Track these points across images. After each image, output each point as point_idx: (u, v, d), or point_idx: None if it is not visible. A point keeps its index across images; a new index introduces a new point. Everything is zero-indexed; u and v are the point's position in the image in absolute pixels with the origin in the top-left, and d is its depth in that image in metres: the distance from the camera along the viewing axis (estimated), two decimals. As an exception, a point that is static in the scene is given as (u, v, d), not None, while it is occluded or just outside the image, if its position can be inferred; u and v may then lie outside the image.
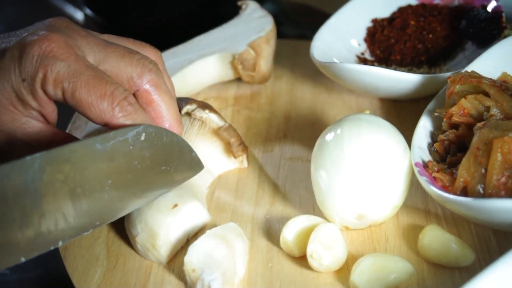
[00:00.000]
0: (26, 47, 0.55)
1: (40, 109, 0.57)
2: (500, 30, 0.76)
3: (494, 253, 0.57)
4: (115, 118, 0.55)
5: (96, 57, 0.58)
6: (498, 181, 0.53)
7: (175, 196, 0.59)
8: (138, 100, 0.59)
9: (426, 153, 0.61)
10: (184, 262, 0.54)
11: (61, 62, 0.55)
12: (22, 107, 0.56)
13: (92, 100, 0.55)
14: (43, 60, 0.54)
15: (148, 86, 0.59)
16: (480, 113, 0.59)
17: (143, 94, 0.59)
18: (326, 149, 0.58)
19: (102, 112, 0.55)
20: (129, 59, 0.58)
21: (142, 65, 0.59)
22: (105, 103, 0.55)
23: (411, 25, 0.82)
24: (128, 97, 0.56)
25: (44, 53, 0.55)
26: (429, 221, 0.60)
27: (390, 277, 0.53)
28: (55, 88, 0.55)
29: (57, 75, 0.54)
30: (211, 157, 0.67)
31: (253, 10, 0.86)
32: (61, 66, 0.54)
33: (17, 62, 0.55)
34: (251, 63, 0.78)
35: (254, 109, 0.79)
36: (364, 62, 0.81)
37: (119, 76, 0.58)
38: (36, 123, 0.57)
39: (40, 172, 0.51)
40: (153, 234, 0.58)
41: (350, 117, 0.59)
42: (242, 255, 0.57)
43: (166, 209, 0.58)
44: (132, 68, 0.58)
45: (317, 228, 0.56)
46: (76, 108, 0.56)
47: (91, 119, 0.56)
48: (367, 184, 0.56)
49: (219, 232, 0.56)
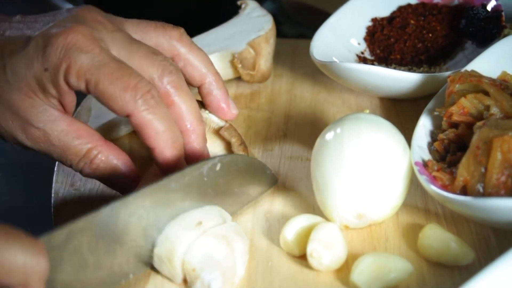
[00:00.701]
0: (51, 37, 0.56)
1: (59, 98, 0.57)
2: (500, 29, 0.76)
3: (494, 252, 0.57)
4: (138, 110, 0.56)
5: (120, 53, 0.58)
6: (498, 180, 0.53)
7: (201, 213, 0.58)
8: None
9: (426, 152, 0.61)
10: (184, 261, 0.54)
11: (85, 54, 0.55)
12: (42, 95, 0.57)
13: (115, 91, 0.55)
14: (67, 52, 0.55)
15: (169, 87, 0.59)
16: (480, 112, 0.59)
17: (164, 96, 0.59)
18: (326, 148, 0.58)
19: (125, 104, 0.56)
20: (151, 59, 0.59)
21: (164, 66, 0.59)
22: (128, 95, 0.55)
23: (411, 24, 0.82)
24: (152, 90, 0.56)
25: (68, 45, 0.55)
26: (429, 220, 0.60)
27: (390, 276, 0.53)
28: (79, 79, 0.55)
29: (81, 67, 0.55)
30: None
31: (252, 9, 0.86)
32: (85, 58, 0.55)
33: (41, 51, 0.56)
34: (250, 62, 0.78)
35: (254, 108, 0.79)
36: (364, 61, 0.81)
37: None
38: (53, 111, 0.58)
39: (115, 219, 0.52)
40: (171, 249, 0.56)
41: (350, 116, 0.59)
42: (242, 255, 0.57)
43: (189, 225, 0.57)
44: (153, 69, 0.59)
45: (317, 227, 0.56)
46: (99, 99, 0.56)
47: (114, 110, 0.56)
48: (367, 183, 0.56)
49: (219, 232, 0.56)
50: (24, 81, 0.56)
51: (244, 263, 0.57)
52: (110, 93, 0.55)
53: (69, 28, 0.56)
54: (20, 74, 0.56)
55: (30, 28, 0.59)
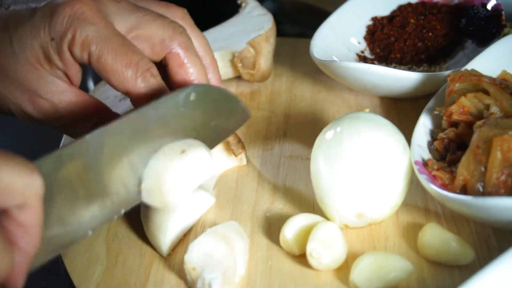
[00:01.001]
0: (58, 7, 0.56)
1: (65, 69, 0.58)
2: (500, 28, 0.76)
3: (494, 251, 0.57)
4: (137, 87, 0.57)
5: (128, 22, 0.59)
6: (498, 179, 0.53)
7: (183, 143, 0.58)
8: (170, 63, 0.61)
9: (426, 151, 0.61)
10: (185, 260, 0.54)
11: (91, 25, 0.56)
12: (48, 65, 0.57)
13: (117, 67, 0.56)
14: (73, 22, 0.56)
15: (179, 49, 0.60)
16: (479, 111, 0.59)
17: (175, 57, 0.61)
18: (326, 147, 0.58)
19: (125, 80, 0.56)
20: (160, 22, 0.60)
21: (173, 28, 0.60)
22: (129, 71, 0.56)
23: (411, 23, 0.82)
24: (152, 68, 0.57)
25: (75, 15, 0.56)
26: (429, 220, 0.60)
27: (389, 275, 0.53)
28: (82, 50, 0.56)
29: (86, 38, 0.56)
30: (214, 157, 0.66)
31: (252, 8, 0.86)
32: (91, 30, 0.56)
33: (48, 21, 0.56)
34: (250, 61, 0.78)
35: (254, 107, 0.79)
36: (364, 60, 0.81)
37: (151, 39, 0.60)
38: (60, 82, 0.58)
39: (100, 147, 0.52)
40: (160, 178, 0.55)
41: (350, 116, 0.59)
42: (243, 254, 0.57)
43: (174, 154, 0.56)
44: (163, 31, 0.60)
45: (316, 227, 0.56)
46: (100, 72, 0.57)
47: (113, 85, 0.57)
48: (367, 182, 0.56)
49: (219, 231, 0.56)
50: (31, 52, 0.57)
51: (245, 262, 0.57)
52: (111, 68, 0.56)
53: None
54: (27, 44, 0.57)
55: (35, 1, 0.59)
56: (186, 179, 0.56)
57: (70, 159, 0.50)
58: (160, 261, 0.58)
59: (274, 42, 0.81)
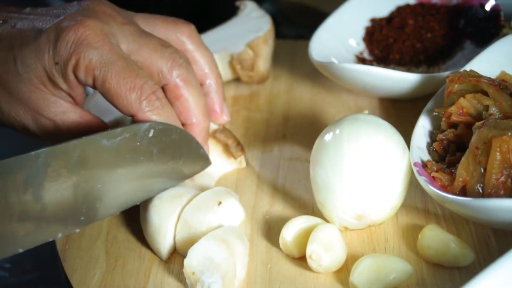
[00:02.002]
0: (62, 31, 0.56)
1: (69, 91, 0.58)
2: (499, 29, 0.75)
3: (494, 252, 0.56)
4: (142, 111, 0.57)
5: (129, 46, 0.59)
6: (497, 181, 0.53)
7: (214, 194, 0.59)
8: (167, 94, 0.61)
9: (425, 153, 0.61)
10: (184, 264, 0.54)
11: (94, 50, 0.56)
12: (52, 87, 0.58)
13: (121, 91, 0.56)
14: (77, 47, 0.56)
15: (178, 80, 0.60)
16: (479, 112, 0.59)
17: (172, 89, 0.60)
18: (325, 149, 0.58)
19: (130, 104, 0.57)
20: (161, 52, 0.60)
21: (173, 59, 0.60)
22: (133, 95, 0.56)
23: (410, 24, 0.82)
24: (157, 91, 0.57)
25: (79, 40, 0.56)
26: (429, 221, 0.60)
27: (389, 277, 0.53)
28: (86, 75, 0.56)
29: (90, 63, 0.56)
30: (214, 160, 0.66)
31: (251, 10, 0.86)
32: (94, 54, 0.56)
33: (52, 45, 0.56)
34: (249, 63, 0.78)
35: (253, 109, 0.79)
36: (363, 61, 0.81)
37: (150, 68, 0.60)
38: (64, 103, 0.59)
39: (44, 166, 0.52)
40: (194, 232, 0.57)
41: (349, 117, 0.59)
42: (242, 257, 0.56)
43: (207, 207, 0.58)
44: (163, 62, 0.60)
45: (316, 229, 0.56)
46: (105, 96, 0.57)
47: (119, 108, 0.57)
48: (366, 184, 0.56)
49: (219, 234, 0.56)
50: (34, 73, 0.57)
51: (245, 266, 0.57)
52: (116, 92, 0.56)
53: (80, 22, 0.56)
54: (31, 66, 0.57)
55: (41, 21, 0.59)
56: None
57: (9, 172, 0.50)
58: (160, 264, 0.58)
59: (272, 44, 0.81)
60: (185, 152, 0.60)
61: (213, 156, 0.66)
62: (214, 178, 0.67)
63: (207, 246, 0.55)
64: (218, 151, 0.67)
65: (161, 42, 0.60)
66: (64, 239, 0.61)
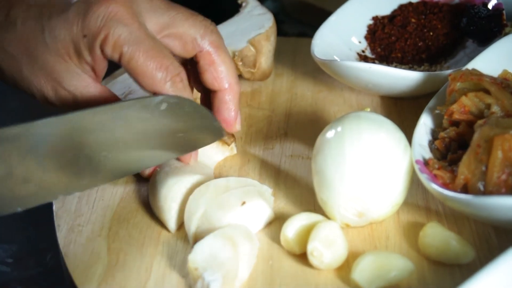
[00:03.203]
0: (93, 5, 0.57)
1: (93, 65, 0.59)
2: (501, 28, 0.75)
3: (495, 250, 0.57)
4: (165, 91, 0.58)
5: (160, 20, 0.60)
6: (499, 179, 0.53)
7: (242, 193, 0.59)
8: (201, 61, 0.63)
9: (426, 151, 0.61)
10: (188, 259, 0.54)
11: (124, 26, 0.57)
12: (76, 59, 0.59)
13: (148, 69, 0.58)
14: (107, 21, 0.57)
15: (210, 47, 0.62)
16: (480, 110, 0.59)
17: (206, 55, 0.62)
18: (327, 146, 0.58)
19: (154, 83, 0.58)
20: (192, 20, 0.62)
21: (205, 26, 0.62)
22: (159, 74, 0.58)
23: (412, 22, 0.82)
24: (181, 73, 0.59)
25: (109, 15, 0.57)
26: (430, 219, 0.60)
27: (390, 274, 0.53)
28: (114, 50, 0.57)
29: (118, 39, 0.57)
30: (206, 150, 0.67)
31: (253, 7, 0.86)
32: (124, 31, 0.57)
33: (82, 17, 0.57)
34: (251, 60, 0.78)
35: (255, 106, 0.79)
36: (365, 59, 0.81)
37: (183, 37, 0.61)
38: (86, 77, 0.60)
39: (51, 135, 0.54)
40: (212, 229, 0.57)
41: (351, 115, 0.59)
42: (248, 258, 0.56)
43: (230, 205, 0.58)
44: (195, 30, 0.62)
45: (317, 226, 0.56)
46: (129, 72, 0.58)
47: (142, 85, 0.59)
48: (368, 181, 0.56)
49: (227, 232, 0.56)
50: (61, 44, 0.58)
51: (250, 267, 0.56)
52: (142, 70, 0.58)
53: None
54: (59, 37, 0.58)
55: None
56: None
57: (14, 139, 0.52)
58: (161, 260, 0.58)
59: (274, 41, 0.81)
60: (198, 124, 0.61)
61: (206, 147, 0.66)
62: (210, 168, 0.67)
63: (214, 243, 0.55)
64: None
65: (189, 11, 0.62)
66: (66, 235, 0.61)
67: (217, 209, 0.58)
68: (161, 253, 0.59)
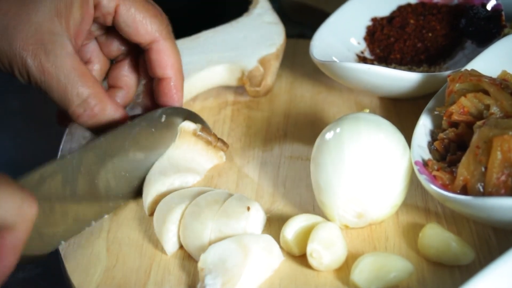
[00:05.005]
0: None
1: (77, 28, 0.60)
2: (500, 29, 0.75)
3: (494, 251, 0.57)
4: (164, 37, 0.63)
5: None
6: (498, 180, 0.53)
7: (239, 200, 0.59)
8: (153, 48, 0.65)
9: (426, 152, 0.61)
10: (200, 258, 0.54)
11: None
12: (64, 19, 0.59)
13: (146, 17, 0.62)
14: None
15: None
16: (480, 111, 0.59)
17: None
18: (326, 148, 0.58)
19: (153, 30, 0.62)
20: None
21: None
22: (157, 20, 0.63)
23: (411, 23, 0.82)
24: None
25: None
26: (429, 220, 0.60)
27: (390, 275, 0.53)
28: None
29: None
30: (196, 158, 0.68)
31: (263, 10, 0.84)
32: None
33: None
34: (258, 80, 0.77)
35: (254, 108, 0.79)
36: (364, 61, 0.81)
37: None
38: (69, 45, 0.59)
39: (77, 165, 0.57)
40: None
41: (350, 116, 0.59)
42: (261, 270, 0.55)
43: (237, 214, 0.58)
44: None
45: (317, 227, 0.56)
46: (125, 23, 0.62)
47: (138, 35, 0.63)
48: (367, 182, 0.56)
49: (243, 240, 0.55)
50: (50, 2, 0.58)
51: (261, 279, 0.55)
52: (140, 18, 0.61)
53: None
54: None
55: None
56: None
57: (51, 176, 0.55)
58: (160, 262, 0.58)
59: (281, 56, 0.81)
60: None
61: (195, 154, 0.67)
62: (200, 175, 0.67)
63: (227, 248, 0.54)
64: (201, 146, 0.67)
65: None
66: (65, 236, 0.61)
67: (226, 219, 0.57)
68: (160, 254, 0.59)
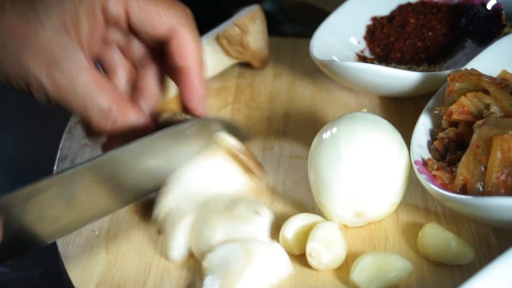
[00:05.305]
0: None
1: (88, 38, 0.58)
2: (500, 28, 0.75)
3: (494, 251, 0.57)
4: (185, 26, 0.61)
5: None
6: (498, 179, 0.53)
7: (249, 205, 0.58)
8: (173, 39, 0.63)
9: (425, 151, 0.61)
10: (206, 256, 0.54)
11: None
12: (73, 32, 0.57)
13: (159, 9, 0.60)
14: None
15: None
16: (479, 111, 0.59)
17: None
18: (323, 147, 0.58)
19: (170, 19, 0.60)
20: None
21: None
22: (172, 10, 0.60)
23: (411, 23, 0.82)
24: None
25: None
26: (429, 219, 0.60)
27: (389, 275, 0.53)
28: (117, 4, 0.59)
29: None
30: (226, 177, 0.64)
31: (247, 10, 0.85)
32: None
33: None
34: (237, 39, 0.78)
35: (254, 107, 0.79)
36: (364, 60, 0.81)
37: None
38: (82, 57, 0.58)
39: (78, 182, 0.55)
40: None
41: (346, 116, 0.59)
42: (262, 277, 0.54)
43: (247, 218, 0.57)
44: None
45: (316, 227, 0.56)
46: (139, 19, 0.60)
47: (156, 27, 0.60)
48: (364, 181, 0.56)
49: (250, 246, 0.55)
50: (57, 16, 0.56)
51: (261, 287, 0.54)
52: (154, 11, 0.59)
53: None
54: (53, 9, 0.56)
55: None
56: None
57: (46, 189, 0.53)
58: (160, 262, 0.58)
59: (261, 25, 0.81)
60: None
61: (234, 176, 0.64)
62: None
63: (234, 251, 0.54)
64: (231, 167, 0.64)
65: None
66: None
67: (239, 224, 0.57)
68: (160, 254, 0.59)
